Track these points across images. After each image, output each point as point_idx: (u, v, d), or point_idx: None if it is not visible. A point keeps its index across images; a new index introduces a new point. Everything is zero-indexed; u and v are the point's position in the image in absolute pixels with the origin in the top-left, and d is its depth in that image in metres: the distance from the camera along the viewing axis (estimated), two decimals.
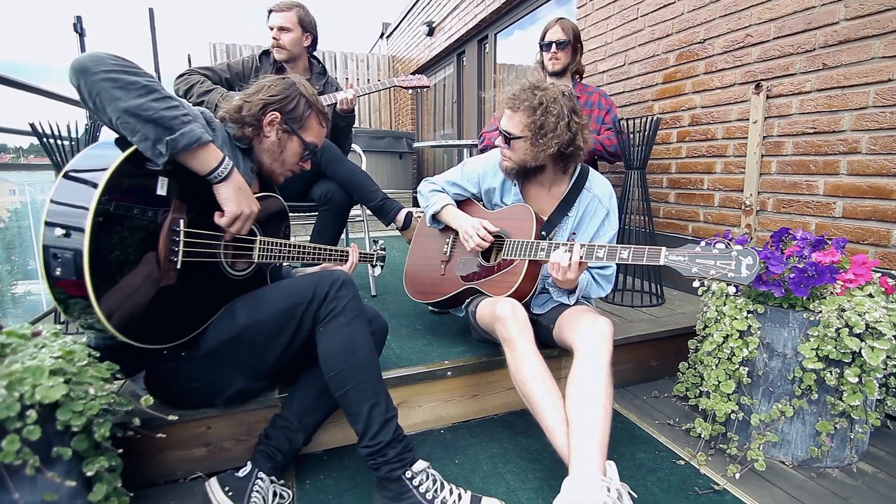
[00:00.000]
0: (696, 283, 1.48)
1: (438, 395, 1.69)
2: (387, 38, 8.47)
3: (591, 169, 1.74)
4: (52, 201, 1.04)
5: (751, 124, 2.12)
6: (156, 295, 1.10)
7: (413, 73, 7.29)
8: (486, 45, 5.13)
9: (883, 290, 1.40)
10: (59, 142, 2.23)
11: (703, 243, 1.32)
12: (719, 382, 1.51)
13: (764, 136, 2.09)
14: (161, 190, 1.09)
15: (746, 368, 1.47)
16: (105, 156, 1.06)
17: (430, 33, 6.13)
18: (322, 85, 2.51)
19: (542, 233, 1.65)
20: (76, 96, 1.04)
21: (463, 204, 1.87)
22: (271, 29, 2.32)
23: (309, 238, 2.36)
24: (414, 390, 1.65)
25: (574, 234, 1.70)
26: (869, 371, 1.32)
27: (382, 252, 1.98)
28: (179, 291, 1.15)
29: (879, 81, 1.69)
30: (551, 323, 1.64)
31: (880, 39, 1.68)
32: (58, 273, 0.98)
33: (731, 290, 1.48)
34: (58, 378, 0.98)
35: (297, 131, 1.41)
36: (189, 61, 6.25)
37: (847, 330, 1.31)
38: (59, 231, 0.98)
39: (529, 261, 1.58)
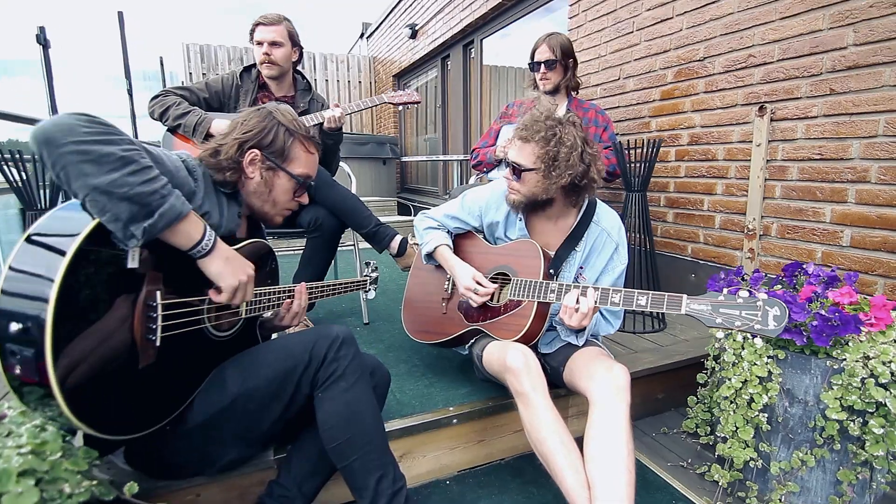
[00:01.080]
0: (719, 334, 1.42)
1: (443, 443, 1.60)
2: (367, 38, 8.28)
3: (598, 201, 1.67)
4: (11, 268, 0.91)
5: (754, 147, 2.08)
6: (133, 379, 0.98)
7: (395, 76, 7.16)
8: (472, 51, 5.03)
9: None
10: (21, 165, 2.06)
11: (725, 291, 1.26)
12: (737, 428, 1.45)
13: (767, 160, 2.05)
14: (132, 262, 0.95)
15: (766, 415, 1.42)
16: (72, 221, 0.93)
17: (413, 36, 5.99)
18: (307, 102, 2.38)
19: (550, 270, 1.57)
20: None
21: (464, 237, 1.78)
22: (259, 44, 2.18)
23: (297, 265, 2.24)
24: (418, 440, 1.56)
25: (582, 268, 1.63)
26: (893, 421, 1.27)
27: (375, 275, 1.86)
28: (159, 369, 1.02)
29: (890, 110, 1.65)
30: (561, 365, 1.56)
31: (891, 67, 1.64)
32: (17, 371, 0.85)
33: (759, 341, 1.41)
34: (28, 481, 0.86)
35: (282, 166, 1.27)
36: (161, 64, 5.99)
37: (872, 380, 1.27)
38: (14, 325, 0.84)
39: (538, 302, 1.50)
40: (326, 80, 7.80)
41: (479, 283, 1.59)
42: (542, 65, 2.37)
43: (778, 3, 1.96)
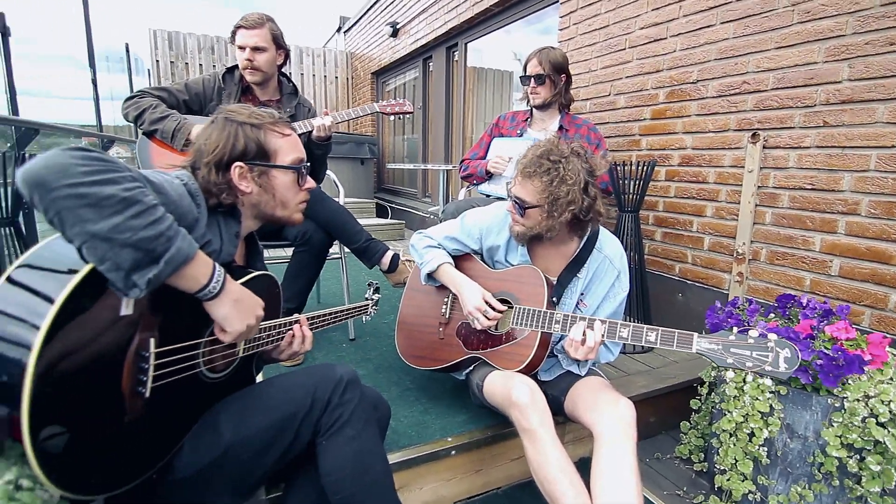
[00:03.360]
0: (730, 374, 1.42)
1: (441, 474, 1.55)
2: (344, 32, 8.09)
3: (601, 228, 1.64)
4: None
5: (746, 173, 2.10)
6: (116, 434, 0.89)
7: (374, 73, 7.02)
8: (456, 53, 4.96)
9: None
10: None
11: (735, 330, 1.25)
12: (736, 461, 1.46)
13: (759, 186, 2.08)
14: (126, 309, 0.86)
15: (765, 449, 1.43)
16: (63, 261, 0.83)
17: (394, 34, 5.88)
18: (293, 106, 2.27)
19: (553, 298, 1.54)
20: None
21: (462, 259, 1.73)
22: (241, 49, 2.05)
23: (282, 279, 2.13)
24: (415, 473, 1.50)
25: (583, 294, 1.60)
26: (890, 459, 1.30)
27: (377, 297, 1.75)
28: (147, 421, 0.93)
29: (882, 146, 1.69)
30: (562, 394, 1.53)
31: (885, 105, 1.67)
32: None
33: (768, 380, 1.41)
34: None
35: (271, 164, 1.15)
36: (127, 50, 5.68)
37: (873, 420, 1.29)
38: None
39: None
40: (301, 74, 7.58)
41: (489, 305, 1.54)
42: (532, 79, 2.34)
43: (774, 32, 1.98)
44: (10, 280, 0.82)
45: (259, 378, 1.37)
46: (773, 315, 1.70)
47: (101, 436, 0.87)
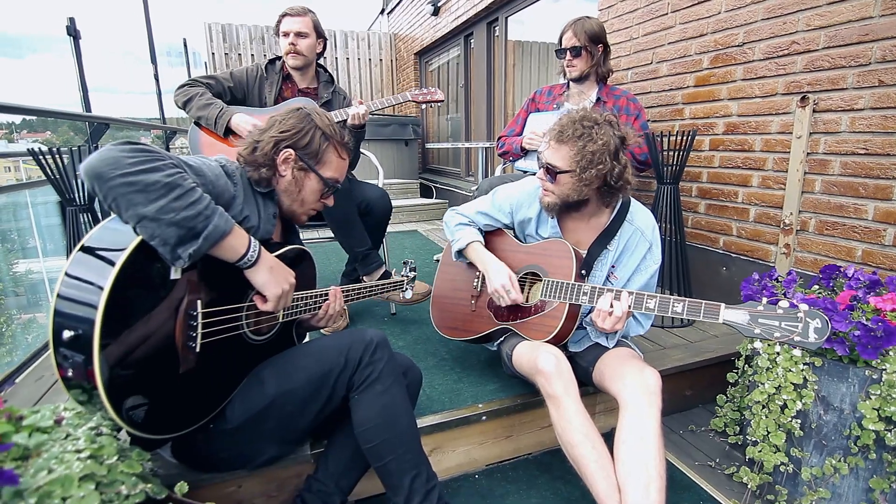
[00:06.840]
0: (757, 344, 1.41)
1: (472, 438, 1.64)
2: (387, 14, 8.13)
3: (632, 199, 1.64)
4: (67, 275, 0.96)
5: (794, 139, 2.00)
6: (174, 383, 1.03)
7: (417, 54, 7.04)
8: (496, 28, 4.90)
9: None
10: (57, 158, 2.10)
11: (764, 301, 1.23)
12: (768, 433, 1.44)
13: (808, 153, 1.98)
14: (175, 274, 1.00)
15: (798, 421, 1.41)
16: (121, 234, 0.97)
17: (436, 13, 5.86)
18: (330, 93, 2.38)
19: (582, 271, 1.57)
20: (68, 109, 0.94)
21: (494, 234, 1.78)
22: (286, 35, 2.19)
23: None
24: (447, 436, 1.59)
25: (613, 267, 1.62)
26: None
27: (413, 274, 1.86)
28: (199, 373, 1.07)
29: None
30: (590, 365, 1.57)
31: None
32: (69, 374, 0.92)
33: (797, 350, 1.39)
34: (89, 485, 0.91)
35: (314, 168, 1.30)
36: (185, 45, 6.00)
37: None
38: (66, 332, 0.91)
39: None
40: (347, 59, 7.71)
41: (512, 285, 1.59)
42: (568, 52, 2.31)
43: None
44: (82, 249, 0.96)
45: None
46: (816, 286, 1.65)
47: (161, 383, 1.01)
